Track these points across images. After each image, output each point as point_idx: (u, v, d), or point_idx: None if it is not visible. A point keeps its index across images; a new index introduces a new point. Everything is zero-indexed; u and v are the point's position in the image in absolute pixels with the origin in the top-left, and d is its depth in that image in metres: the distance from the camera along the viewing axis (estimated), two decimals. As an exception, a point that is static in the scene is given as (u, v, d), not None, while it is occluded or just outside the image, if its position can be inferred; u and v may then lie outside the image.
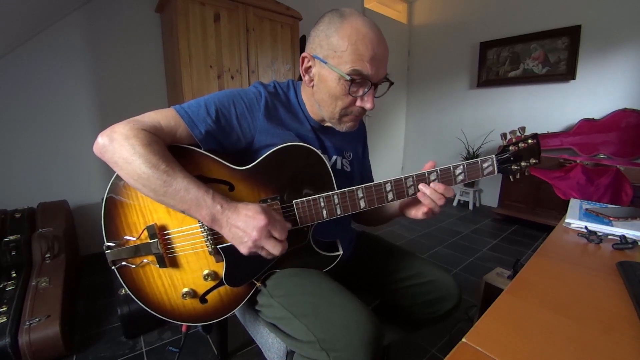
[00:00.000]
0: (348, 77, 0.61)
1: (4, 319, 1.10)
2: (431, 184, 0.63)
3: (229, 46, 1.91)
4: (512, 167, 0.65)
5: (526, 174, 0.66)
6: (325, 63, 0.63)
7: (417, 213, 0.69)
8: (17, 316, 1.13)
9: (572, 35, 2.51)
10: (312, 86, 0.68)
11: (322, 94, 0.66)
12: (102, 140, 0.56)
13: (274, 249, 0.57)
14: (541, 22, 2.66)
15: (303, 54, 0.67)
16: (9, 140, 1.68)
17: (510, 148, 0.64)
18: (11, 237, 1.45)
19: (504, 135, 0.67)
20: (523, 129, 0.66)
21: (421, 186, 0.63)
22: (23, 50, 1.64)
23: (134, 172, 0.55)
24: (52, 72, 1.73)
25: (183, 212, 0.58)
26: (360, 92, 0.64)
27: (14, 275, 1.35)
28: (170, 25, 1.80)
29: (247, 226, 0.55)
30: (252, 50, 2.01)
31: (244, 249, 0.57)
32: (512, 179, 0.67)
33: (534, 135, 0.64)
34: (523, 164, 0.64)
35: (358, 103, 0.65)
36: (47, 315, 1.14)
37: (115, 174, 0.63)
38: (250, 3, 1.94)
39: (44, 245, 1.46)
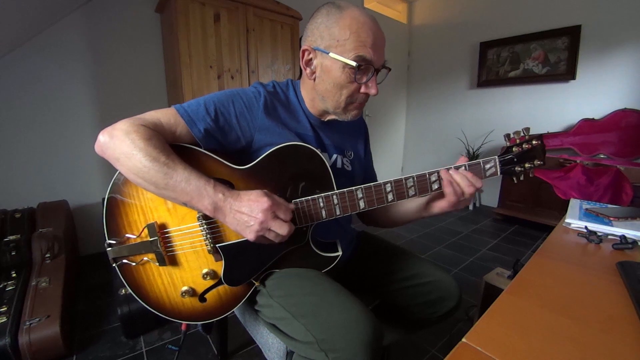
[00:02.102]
0: (354, 64, 0.62)
1: (4, 319, 1.10)
2: (460, 170, 0.63)
3: (229, 46, 1.91)
4: (516, 168, 0.64)
5: (530, 175, 0.65)
6: (328, 53, 0.63)
7: (442, 204, 0.67)
8: (17, 316, 1.13)
9: (572, 35, 2.51)
10: (314, 79, 0.68)
11: (325, 84, 0.67)
12: (103, 137, 0.57)
13: (280, 229, 0.56)
14: (541, 22, 2.66)
15: (303, 47, 0.67)
16: (9, 140, 1.68)
17: (513, 149, 0.64)
18: (11, 237, 1.45)
19: (507, 136, 0.67)
20: (527, 129, 0.65)
21: (452, 172, 0.63)
22: (23, 50, 1.64)
23: (135, 166, 0.55)
24: (52, 72, 1.74)
25: (185, 204, 0.58)
26: (364, 79, 0.65)
27: (14, 275, 1.35)
28: (170, 25, 1.80)
29: (251, 210, 0.55)
30: (252, 50, 2.01)
31: (250, 234, 0.57)
32: (515, 181, 0.66)
33: (539, 136, 0.63)
34: (527, 165, 0.64)
35: (363, 90, 0.66)
36: (47, 315, 1.14)
37: (117, 174, 0.63)
38: (250, 3, 1.94)
39: (44, 245, 1.45)
